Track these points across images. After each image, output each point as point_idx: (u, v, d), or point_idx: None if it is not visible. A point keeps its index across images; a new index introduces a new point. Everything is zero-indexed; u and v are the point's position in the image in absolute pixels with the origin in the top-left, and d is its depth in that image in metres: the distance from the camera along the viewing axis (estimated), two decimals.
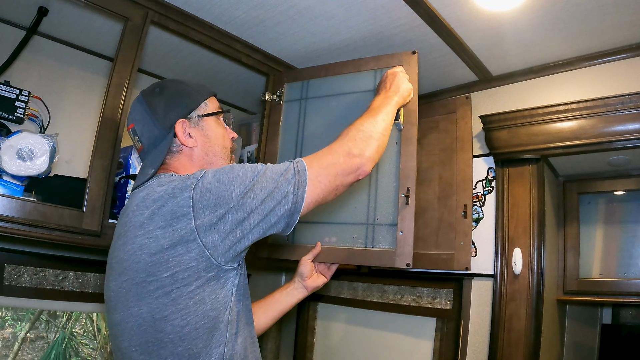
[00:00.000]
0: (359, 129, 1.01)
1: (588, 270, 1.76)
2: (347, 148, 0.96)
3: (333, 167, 0.92)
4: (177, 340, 0.80)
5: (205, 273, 0.81)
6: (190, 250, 0.80)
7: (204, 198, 0.81)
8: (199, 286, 0.81)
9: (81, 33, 1.66)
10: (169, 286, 0.80)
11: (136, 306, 0.81)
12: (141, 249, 0.81)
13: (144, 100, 0.99)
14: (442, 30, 1.46)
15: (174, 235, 0.80)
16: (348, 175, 0.94)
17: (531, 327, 1.50)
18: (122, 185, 1.39)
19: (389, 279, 1.95)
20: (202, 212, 0.80)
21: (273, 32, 1.57)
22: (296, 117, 1.58)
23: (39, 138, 1.20)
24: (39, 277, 1.54)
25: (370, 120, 1.04)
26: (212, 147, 1.00)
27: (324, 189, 0.90)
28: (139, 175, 0.96)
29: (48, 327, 2.30)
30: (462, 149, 1.76)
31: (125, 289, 0.83)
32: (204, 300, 0.82)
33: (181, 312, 0.80)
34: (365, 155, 0.97)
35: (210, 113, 1.02)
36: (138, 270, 0.81)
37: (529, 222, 1.58)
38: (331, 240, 1.37)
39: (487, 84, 1.80)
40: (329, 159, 0.93)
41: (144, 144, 0.98)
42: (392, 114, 1.12)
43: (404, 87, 1.23)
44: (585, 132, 1.48)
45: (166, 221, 0.80)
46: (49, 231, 1.14)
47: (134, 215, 0.85)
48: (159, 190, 0.84)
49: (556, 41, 1.50)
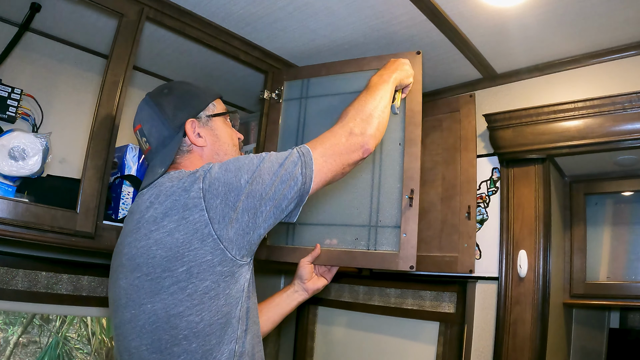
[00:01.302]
0: (358, 108, 1.04)
1: (595, 273, 1.76)
2: (349, 128, 0.99)
3: (337, 147, 0.95)
4: (191, 336, 0.82)
5: (220, 267, 0.83)
6: (205, 243, 0.81)
7: (213, 187, 0.83)
8: (214, 281, 0.83)
9: (75, 29, 1.66)
10: (185, 281, 0.81)
11: (149, 303, 0.82)
12: (156, 244, 0.83)
13: (151, 101, 1.01)
14: (445, 27, 1.46)
15: (189, 228, 0.81)
16: (352, 154, 0.97)
17: (537, 332, 1.50)
18: (117, 185, 1.39)
19: (391, 282, 1.95)
20: (214, 202, 0.82)
21: (272, 29, 1.57)
22: (296, 116, 1.58)
23: (32, 137, 1.20)
24: (32, 280, 1.54)
25: (369, 98, 1.07)
26: (222, 146, 1.04)
27: (330, 168, 0.94)
28: (148, 175, 0.97)
29: (41, 332, 2.30)
30: (465, 148, 1.76)
31: (137, 286, 0.84)
32: (218, 296, 0.83)
33: (196, 308, 0.81)
34: (367, 133, 1.00)
35: (219, 113, 1.06)
36: (154, 266, 0.83)
37: (535, 223, 1.58)
38: (332, 242, 1.37)
39: (491, 81, 1.80)
40: (332, 140, 0.96)
41: (152, 145, 1.00)
42: (390, 91, 1.16)
43: (404, 68, 1.26)
44: (593, 131, 1.48)
45: (180, 214, 0.82)
46: (42, 233, 1.14)
47: (147, 212, 0.87)
48: (170, 185, 0.87)
49: (562, 38, 1.50)
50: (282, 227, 1.49)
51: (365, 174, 1.41)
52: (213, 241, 0.82)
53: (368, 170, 1.41)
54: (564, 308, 1.75)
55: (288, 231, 1.48)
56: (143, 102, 1.03)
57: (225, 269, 0.84)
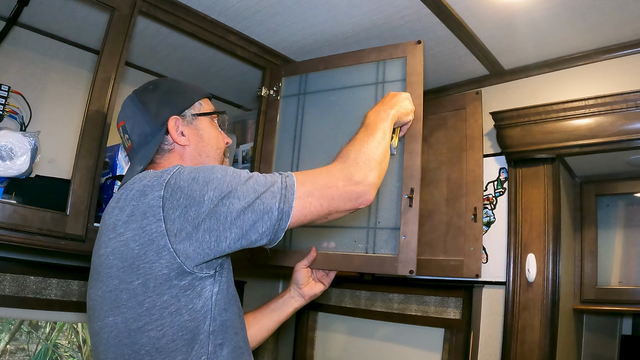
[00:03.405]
0: (360, 150, 0.96)
1: (607, 277, 1.75)
2: (349, 173, 0.91)
3: (329, 190, 0.88)
4: (154, 352, 0.79)
5: (177, 281, 0.79)
6: (161, 256, 0.78)
7: (174, 197, 0.79)
8: (173, 296, 0.79)
9: (65, 24, 1.66)
10: (142, 295, 0.79)
11: (111, 316, 0.81)
12: (113, 253, 0.81)
13: (136, 97, 1.01)
14: (450, 21, 1.46)
15: (144, 239, 0.78)
16: (347, 202, 0.90)
17: (546, 339, 1.49)
18: (109, 186, 1.39)
19: (394, 287, 1.95)
20: (172, 213, 0.78)
21: (270, 23, 1.57)
22: (294, 114, 1.58)
23: (20, 136, 1.20)
24: (20, 285, 1.54)
25: (369, 139, 1.00)
26: (205, 148, 1.02)
27: (313, 211, 0.86)
28: (127, 174, 0.96)
29: (29, 339, 2.30)
30: (472, 147, 1.76)
31: (100, 297, 0.83)
32: (180, 311, 0.80)
33: (156, 323, 0.79)
34: (368, 181, 0.92)
35: (205, 113, 1.04)
36: (111, 277, 0.81)
37: (544, 226, 1.58)
38: (330, 245, 1.36)
39: (498, 78, 1.80)
40: (326, 180, 0.89)
41: (133, 142, 0.99)
42: (389, 131, 1.09)
43: (403, 104, 1.18)
44: (604, 129, 1.48)
45: (138, 223, 0.79)
46: (30, 236, 1.14)
47: (108, 217, 0.85)
48: (131, 188, 0.84)
49: (573, 32, 1.50)
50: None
51: None
52: (169, 254, 0.78)
53: None
54: (574, 314, 1.75)
55: (285, 234, 1.47)
56: (128, 99, 1.02)
57: (184, 282, 0.80)
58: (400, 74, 1.39)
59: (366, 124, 1.06)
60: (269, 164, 1.58)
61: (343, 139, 1.44)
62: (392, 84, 1.40)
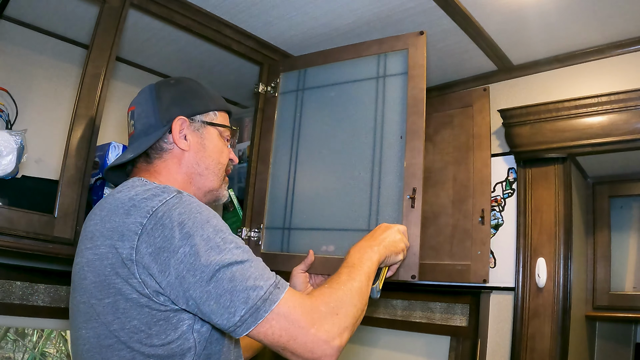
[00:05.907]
0: (342, 299, 0.85)
1: (620, 282, 1.75)
2: (327, 325, 0.79)
3: (293, 325, 0.76)
4: None
5: (149, 309, 0.77)
6: (131, 282, 0.77)
7: (153, 233, 0.76)
8: (143, 322, 0.77)
9: (52, 17, 1.66)
10: (111, 314, 0.77)
11: (84, 328, 0.81)
12: (88, 265, 0.81)
13: (155, 86, 1.04)
14: (456, 14, 1.46)
15: (117, 260, 0.77)
16: (303, 349, 0.76)
17: (557, 347, 1.50)
18: (99, 187, 1.39)
19: (398, 293, 1.95)
20: (145, 248, 0.76)
21: (267, 16, 1.57)
22: (292, 111, 1.58)
23: (5, 135, 1.20)
24: (5, 290, 1.54)
25: (355, 286, 0.89)
26: (206, 159, 1.02)
27: (269, 339, 0.76)
28: (117, 158, 0.99)
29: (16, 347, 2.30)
30: (479, 146, 1.76)
31: (76, 307, 0.84)
32: (150, 340, 0.77)
33: (125, 345, 0.77)
34: (337, 344, 0.79)
35: (216, 124, 1.05)
36: (84, 289, 0.81)
37: (554, 228, 1.58)
38: (328, 248, 1.35)
39: (507, 74, 1.80)
40: (299, 313, 0.77)
41: (136, 130, 1.01)
42: (372, 274, 0.99)
43: (394, 240, 1.08)
44: (618, 127, 1.48)
45: (113, 240, 0.78)
46: (16, 239, 1.14)
47: (89, 224, 0.86)
48: (119, 198, 0.83)
49: (585, 26, 1.50)
50: (276, 233, 1.49)
51: (364, 172, 1.38)
52: (139, 284, 0.76)
53: (367, 169, 1.38)
54: (586, 321, 1.75)
55: (283, 237, 1.47)
56: (147, 87, 1.05)
57: (155, 311, 0.77)
58: (402, 67, 1.39)
59: (350, 264, 0.96)
60: (267, 163, 1.58)
61: (342, 137, 1.45)
62: (393, 78, 1.40)
